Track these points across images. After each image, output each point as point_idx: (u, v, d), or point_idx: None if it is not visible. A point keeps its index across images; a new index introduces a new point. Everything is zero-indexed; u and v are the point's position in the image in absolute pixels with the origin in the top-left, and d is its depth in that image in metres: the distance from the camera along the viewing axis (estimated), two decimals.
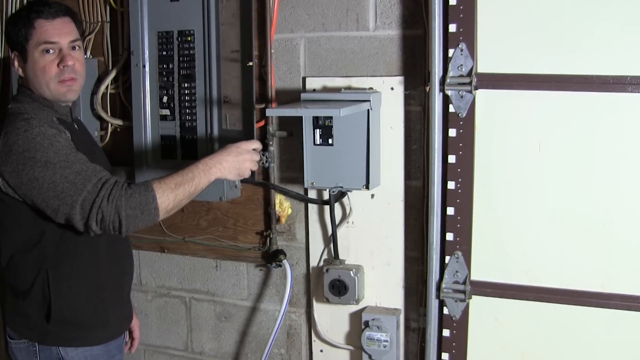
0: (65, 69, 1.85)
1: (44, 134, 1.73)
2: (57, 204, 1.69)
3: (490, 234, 1.96)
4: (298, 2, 2.22)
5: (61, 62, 1.85)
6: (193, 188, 1.76)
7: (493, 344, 2.01)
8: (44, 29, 1.84)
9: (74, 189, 1.68)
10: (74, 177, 1.69)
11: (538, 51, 1.84)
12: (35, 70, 1.85)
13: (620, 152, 1.82)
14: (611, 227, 1.85)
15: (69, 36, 1.87)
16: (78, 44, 1.91)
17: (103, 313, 1.95)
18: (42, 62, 1.84)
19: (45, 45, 1.84)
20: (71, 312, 1.88)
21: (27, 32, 1.84)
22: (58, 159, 1.70)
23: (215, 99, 2.23)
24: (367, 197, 2.19)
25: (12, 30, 1.87)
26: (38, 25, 1.84)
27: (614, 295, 1.85)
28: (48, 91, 1.86)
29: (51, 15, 1.86)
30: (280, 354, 2.46)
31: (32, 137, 1.72)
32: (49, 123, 1.78)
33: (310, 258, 2.33)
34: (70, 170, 1.69)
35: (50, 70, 1.84)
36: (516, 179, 1.92)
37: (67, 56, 1.85)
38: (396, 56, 2.12)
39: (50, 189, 1.69)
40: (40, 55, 1.84)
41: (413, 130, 2.12)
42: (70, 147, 1.75)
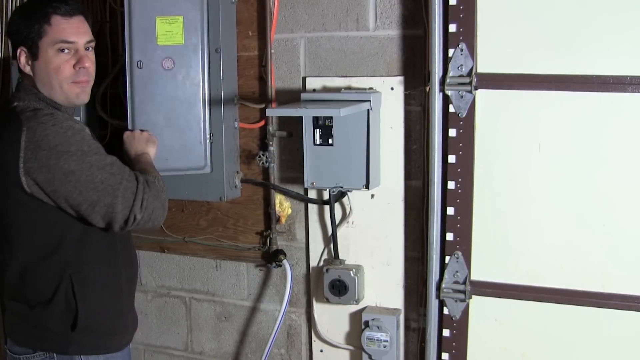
0: (80, 70, 1.80)
1: (74, 128, 1.71)
2: (96, 195, 1.68)
3: (490, 234, 1.96)
4: (298, 2, 2.22)
5: (78, 64, 1.79)
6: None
7: (493, 344, 2.01)
8: (61, 27, 1.76)
9: (113, 179, 1.69)
10: (110, 169, 1.70)
11: (538, 51, 1.84)
12: (48, 70, 1.78)
13: (621, 152, 1.82)
14: (611, 227, 1.85)
15: (85, 36, 1.82)
16: (92, 45, 1.86)
17: (123, 318, 1.93)
18: (56, 61, 1.77)
19: (61, 45, 1.77)
20: (96, 319, 1.84)
21: (42, 28, 1.75)
22: (92, 152, 1.70)
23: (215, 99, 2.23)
24: (367, 197, 2.19)
25: (22, 23, 1.77)
26: (55, 22, 1.76)
27: (614, 295, 1.85)
28: (60, 92, 1.80)
29: (68, 13, 1.78)
30: (280, 354, 2.46)
31: (64, 131, 1.69)
32: (71, 119, 1.76)
33: (310, 258, 2.33)
34: (105, 163, 1.71)
35: (64, 70, 1.78)
36: (516, 179, 1.92)
37: (84, 57, 1.80)
38: (396, 56, 2.12)
39: (88, 182, 1.68)
40: (55, 54, 1.77)
41: (413, 130, 2.12)
42: (96, 141, 1.76)
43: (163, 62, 2.22)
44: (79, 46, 1.80)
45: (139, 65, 2.23)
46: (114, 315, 1.89)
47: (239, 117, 2.32)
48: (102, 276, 1.85)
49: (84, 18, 1.84)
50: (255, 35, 2.28)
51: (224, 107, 2.24)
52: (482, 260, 1.98)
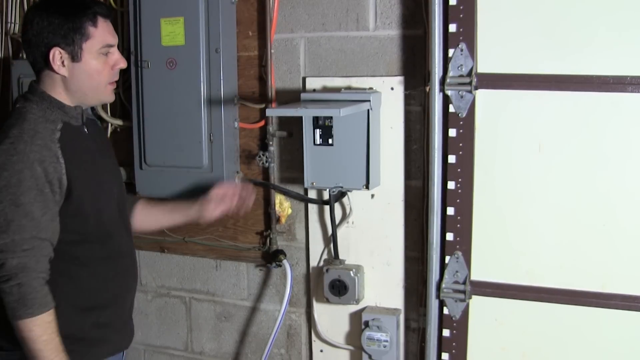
0: (117, 71, 1.79)
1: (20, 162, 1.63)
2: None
3: (490, 234, 1.96)
4: (298, 2, 2.22)
5: (116, 65, 1.78)
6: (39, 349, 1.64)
7: (493, 344, 2.01)
8: (105, 29, 1.75)
9: (6, 229, 1.61)
10: (8, 220, 1.61)
11: (538, 51, 1.84)
12: (90, 72, 1.74)
13: (621, 152, 1.82)
14: (611, 227, 1.85)
15: (117, 38, 1.81)
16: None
17: (104, 330, 1.86)
18: (100, 64, 1.75)
19: (107, 48, 1.76)
20: (68, 329, 1.73)
21: (88, 30, 1.72)
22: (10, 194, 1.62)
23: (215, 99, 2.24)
24: (367, 197, 2.19)
25: (62, 24, 1.70)
26: (100, 24, 1.73)
27: (614, 295, 1.85)
28: (95, 93, 1.78)
29: (108, 15, 1.77)
30: (280, 354, 2.46)
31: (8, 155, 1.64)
32: (41, 144, 1.67)
33: (310, 258, 2.33)
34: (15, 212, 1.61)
35: (105, 72, 1.76)
36: (516, 179, 1.92)
37: (121, 59, 1.79)
38: (396, 56, 2.12)
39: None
40: (98, 57, 1.74)
41: (413, 130, 2.12)
42: (37, 187, 1.64)
43: (167, 62, 2.23)
44: (115, 48, 1.80)
45: (146, 65, 2.25)
46: (88, 327, 1.81)
47: (239, 117, 2.32)
48: (79, 291, 1.78)
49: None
50: (255, 35, 2.28)
51: (224, 107, 2.24)
52: (482, 260, 1.98)
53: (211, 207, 2.08)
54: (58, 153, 1.69)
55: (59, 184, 1.68)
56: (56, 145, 1.70)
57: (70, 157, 1.71)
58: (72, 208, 1.72)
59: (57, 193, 1.68)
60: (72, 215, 1.73)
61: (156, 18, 2.23)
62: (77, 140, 1.79)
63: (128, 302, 1.97)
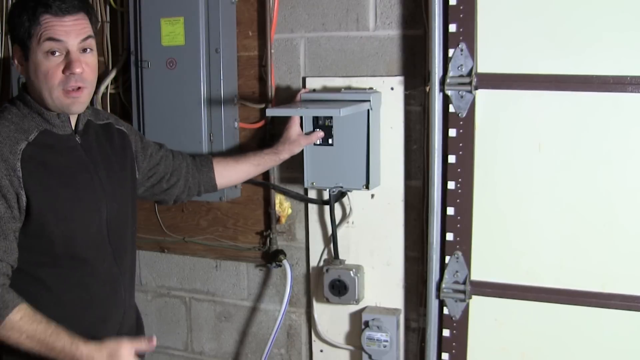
0: (71, 76, 1.58)
1: None
2: None
3: (490, 234, 1.96)
4: (298, 2, 2.22)
5: (67, 69, 1.57)
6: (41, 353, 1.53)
7: (493, 344, 2.01)
8: (49, 26, 1.56)
9: None
10: None
11: (538, 51, 1.84)
12: (37, 73, 1.59)
13: (621, 152, 1.82)
14: (611, 227, 1.85)
15: (80, 35, 1.59)
16: (90, 45, 1.63)
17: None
18: (45, 65, 1.57)
19: (50, 44, 1.56)
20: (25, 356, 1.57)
21: (31, 27, 1.56)
22: None
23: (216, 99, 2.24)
24: (367, 197, 2.19)
25: (15, 20, 1.59)
26: (44, 20, 1.56)
27: (614, 295, 1.85)
28: (50, 100, 1.60)
29: (61, 11, 1.57)
30: (280, 354, 2.46)
31: None
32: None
33: (310, 258, 2.33)
34: None
35: (54, 76, 1.58)
36: (516, 179, 1.92)
37: (74, 62, 1.57)
38: (396, 56, 2.12)
39: None
40: (44, 57, 1.57)
41: (413, 130, 2.12)
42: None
43: (167, 62, 2.23)
44: (71, 47, 1.58)
45: (146, 65, 2.24)
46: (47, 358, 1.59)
47: (239, 117, 2.32)
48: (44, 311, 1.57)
49: (84, 14, 1.62)
50: (255, 35, 2.28)
51: (224, 107, 2.24)
52: (482, 260, 1.98)
53: (300, 143, 2.08)
54: (16, 165, 1.55)
55: (16, 199, 1.55)
56: (16, 156, 1.55)
57: (33, 170, 1.57)
58: (32, 229, 1.58)
59: (15, 208, 1.55)
60: (33, 236, 1.59)
61: (156, 18, 2.23)
62: (55, 152, 1.64)
63: (106, 333, 1.69)
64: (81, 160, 1.70)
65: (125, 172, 1.84)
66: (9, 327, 1.51)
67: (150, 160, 1.96)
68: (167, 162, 2.00)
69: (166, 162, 2.00)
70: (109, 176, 1.75)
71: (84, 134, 1.73)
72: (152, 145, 1.99)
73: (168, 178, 2.00)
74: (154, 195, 2.03)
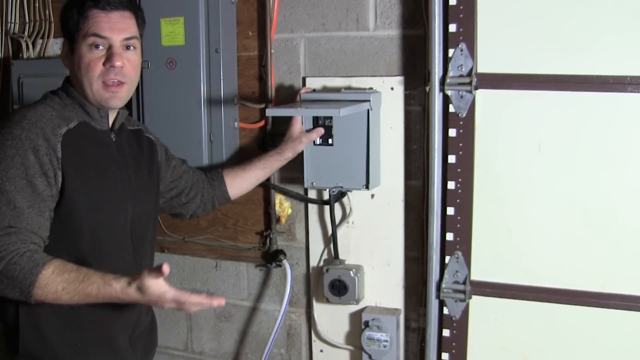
0: (111, 69, 1.63)
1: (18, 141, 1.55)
2: None
3: (490, 234, 1.96)
4: (298, 2, 2.22)
5: (108, 61, 1.63)
6: (80, 301, 1.53)
7: (493, 344, 2.01)
8: (96, 21, 1.62)
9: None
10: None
11: (538, 51, 1.84)
12: (80, 66, 1.64)
13: (621, 152, 1.82)
14: (611, 227, 1.85)
15: (124, 33, 1.65)
16: (134, 43, 1.68)
17: (81, 353, 1.69)
18: (88, 57, 1.63)
19: (94, 39, 1.62)
20: (43, 348, 1.64)
21: (78, 21, 1.63)
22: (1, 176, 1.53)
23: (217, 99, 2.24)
24: (367, 197, 2.19)
25: (64, 15, 1.66)
26: (91, 15, 1.62)
27: (614, 295, 1.85)
28: (90, 92, 1.66)
29: (109, 6, 1.63)
30: (280, 354, 2.46)
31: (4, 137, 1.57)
32: (39, 133, 1.57)
33: (310, 258, 2.33)
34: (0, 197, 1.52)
35: (95, 68, 1.63)
36: (516, 179, 1.92)
37: (115, 55, 1.63)
38: (396, 56, 2.12)
39: None
40: (88, 50, 1.63)
41: (413, 130, 2.12)
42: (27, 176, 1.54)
43: (167, 62, 2.23)
44: (114, 42, 1.64)
45: (146, 65, 2.25)
46: (65, 346, 1.66)
47: (239, 117, 2.32)
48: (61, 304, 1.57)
49: (131, 13, 1.69)
50: (255, 35, 2.28)
51: (224, 107, 2.25)
52: (482, 260, 1.98)
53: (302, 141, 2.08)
54: (57, 147, 1.59)
55: (54, 178, 1.58)
56: (57, 138, 1.59)
57: (71, 155, 1.61)
58: (62, 213, 1.61)
59: (53, 186, 1.58)
60: (62, 220, 1.61)
61: (156, 18, 2.22)
62: (91, 144, 1.69)
63: (119, 330, 1.76)
64: (114, 157, 1.74)
65: (152, 179, 1.89)
66: (44, 284, 1.50)
67: (173, 173, 2.01)
68: (187, 177, 2.05)
69: (187, 177, 2.05)
70: (137, 178, 1.79)
71: (119, 134, 1.78)
72: (176, 159, 2.05)
73: (187, 192, 2.05)
74: (172, 208, 2.07)
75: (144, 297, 1.50)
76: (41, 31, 2.66)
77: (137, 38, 1.71)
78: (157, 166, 1.93)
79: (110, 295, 1.52)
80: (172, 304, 1.50)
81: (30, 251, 1.51)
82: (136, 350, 1.83)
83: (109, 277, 1.52)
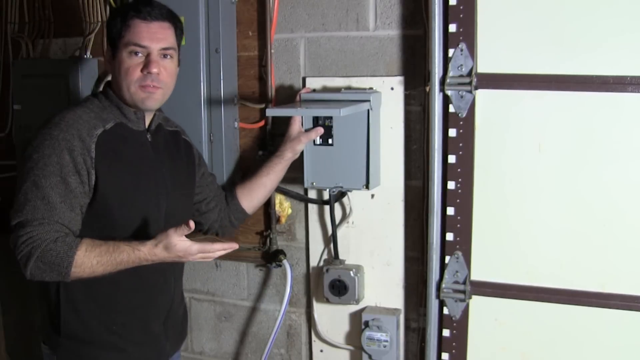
0: (148, 75, 1.76)
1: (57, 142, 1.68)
2: (14, 205, 1.67)
3: (490, 234, 1.96)
4: (298, 2, 2.22)
5: (145, 68, 1.75)
6: (114, 269, 1.67)
7: (493, 344, 2.01)
8: (137, 30, 1.75)
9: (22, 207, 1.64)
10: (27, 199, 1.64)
11: (538, 51, 1.84)
12: (120, 70, 1.77)
13: (621, 152, 1.82)
14: (611, 227, 1.85)
15: (162, 43, 1.77)
16: (171, 53, 1.80)
17: (119, 339, 1.82)
18: (127, 63, 1.76)
19: (134, 47, 1.75)
20: (82, 330, 1.78)
21: (121, 29, 1.76)
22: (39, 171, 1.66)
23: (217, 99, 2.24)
24: (367, 197, 2.19)
25: (109, 22, 1.81)
26: (133, 24, 1.76)
27: (614, 295, 1.85)
28: (128, 94, 1.78)
29: (150, 17, 1.76)
30: (280, 354, 2.46)
31: (46, 137, 1.69)
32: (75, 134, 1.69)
33: (310, 258, 2.33)
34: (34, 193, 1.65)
35: (133, 73, 1.75)
36: (516, 179, 1.92)
37: (152, 62, 1.75)
38: (396, 56, 2.12)
39: (17, 187, 1.68)
40: (128, 56, 1.76)
41: (413, 130, 2.12)
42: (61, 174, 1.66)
43: None
44: (152, 51, 1.76)
45: None
46: (102, 330, 1.80)
47: (239, 117, 2.32)
48: (93, 289, 1.75)
49: (170, 24, 1.81)
50: (255, 35, 2.28)
51: (224, 107, 2.24)
52: (482, 260, 1.98)
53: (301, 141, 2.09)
54: (91, 147, 1.70)
55: (88, 176, 1.70)
56: (92, 139, 1.71)
57: (105, 154, 1.72)
58: (96, 208, 1.72)
59: (86, 184, 1.70)
60: (96, 215, 1.73)
61: None
62: (126, 143, 1.79)
63: (153, 317, 1.89)
64: (149, 156, 1.84)
65: (188, 178, 2.00)
66: (80, 262, 1.64)
67: (201, 179, 2.07)
68: (212, 187, 2.11)
69: (211, 187, 2.11)
70: (172, 176, 1.89)
71: (155, 134, 1.89)
72: (206, 167, 2.13)
73: (208, 202, 2.09)
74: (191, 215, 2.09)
75: (170, 254, 1.67)
76: (41, 31, 2.66)
77: (174, 48, 1.82)
78: (192, 168, 2.03)
79: (139, 259, 1.67)
80: (198, 256, 1.70)
81: (61, 237, 1.64)
82: (169, 337, 1.95)
83: (135, 242, 1.67)
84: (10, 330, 2.96)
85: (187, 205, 1.99)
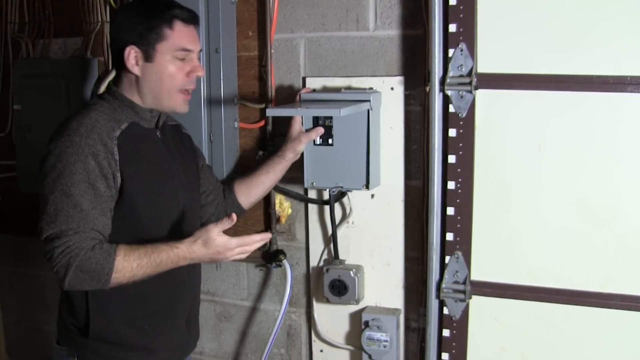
0: (194, 79, 1.79)
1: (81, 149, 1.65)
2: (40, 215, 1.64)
3: (490, 234, 1.96)
4: (298, 2, 2.22)
5: (193, 72, 1.77)
6: (153, 271, 1.68)
7: (493, 344, 2.01)
8: (182, 34, 1.75)
9: (55, 218, 1.61)
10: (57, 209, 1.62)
11: (538, 51, 1.84)
12: (161, 74, 1.74)
13: (621, 152, 1.82)
14: (611, 227, 1.85)
15: (199, 46, 1.80)
16: (200, 55, 1.84)
17: (148, 339, 1.83)
18: (172, 68, 1.75)
19: (182, 53, 1.74)
20: (111, 332, 1.77)
21: (163, 32, 1.73)
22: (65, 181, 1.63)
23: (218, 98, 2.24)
24: (367, 197, 2.19)
25: (140, 23, 1.73)
26: (177, 27, 1.74)
27: (614, 295, 1.85)
28: (166, 98, 1.77)
29: (190, 20, 1.77)
30: (280, 354, 2.46)
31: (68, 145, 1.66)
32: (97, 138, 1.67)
33: (310, 258, 2.33)
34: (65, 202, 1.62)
35: (178, 77, 1.75)
36: (516, 178, 1.92)
37: (199, 67, 1.79)
38: (396, 56, 2.12)
39: (42, 200, 1.65)
40: (172, 60, 1.74)
41: (413, 130, 2.12)
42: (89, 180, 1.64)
43: None
44: (195, 55, 1.78)
45: None
46: (133, 332, 1.80)
47: (239, 117, 2.32)
48: (123, 290, 1.70)
49: (198, 28, 1.83)
50: (255, 35, 2.28)
51: (224, 107, 2.25)
52: (482, 260, 1.98)
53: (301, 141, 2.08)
54: (114, 150, 1.69)
55: (113, 179, 1.69)
56: (113, 142, 1.70)
57: (127, 155, 1.72)
58: (123, 209, 1.72)
59: (113, 187, 1.69)
60: (124, 216, 1.72)
61: None
62: (142, 142, 1.79)
63: (180, 313, 1.91)
64: (162, 151, 1.85)
65: (195, 171, 2.00)
66: (120, 268, 1.64)
67: (201, 171, 2.06)
68: (210, 180, 2.10)
69: (210, 180, 2.10)
70: (184, 170, 1.91)
71: (162, 131, 1.89)
72: (204, 160, 2.13)
73: (207, 194, 2.08)
74: None
75: (209, 250, 1.69)
76: (41, 31, 2.66)
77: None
78: (196, 160, 2.03)
79: (178, 257, 1.69)
80: (236, 251, 1.70)
81: (98, 244, 1.64)
82: (190, 333, 1.98)
83: (172, 242, 1.69)
84: (10, 330, 2.97)
85: (199, 199, 2.01)
